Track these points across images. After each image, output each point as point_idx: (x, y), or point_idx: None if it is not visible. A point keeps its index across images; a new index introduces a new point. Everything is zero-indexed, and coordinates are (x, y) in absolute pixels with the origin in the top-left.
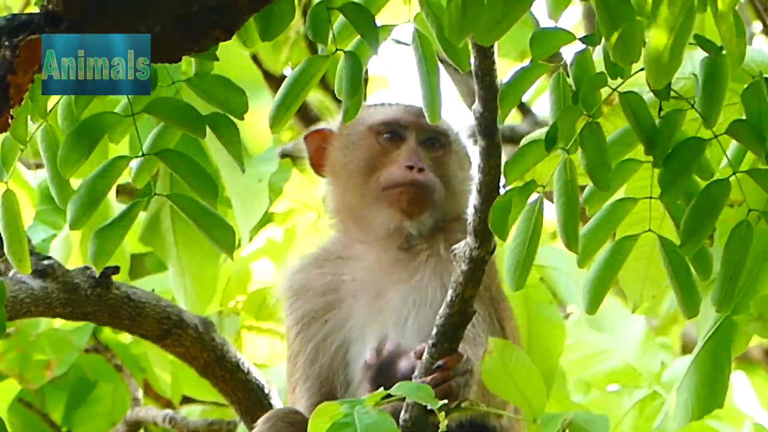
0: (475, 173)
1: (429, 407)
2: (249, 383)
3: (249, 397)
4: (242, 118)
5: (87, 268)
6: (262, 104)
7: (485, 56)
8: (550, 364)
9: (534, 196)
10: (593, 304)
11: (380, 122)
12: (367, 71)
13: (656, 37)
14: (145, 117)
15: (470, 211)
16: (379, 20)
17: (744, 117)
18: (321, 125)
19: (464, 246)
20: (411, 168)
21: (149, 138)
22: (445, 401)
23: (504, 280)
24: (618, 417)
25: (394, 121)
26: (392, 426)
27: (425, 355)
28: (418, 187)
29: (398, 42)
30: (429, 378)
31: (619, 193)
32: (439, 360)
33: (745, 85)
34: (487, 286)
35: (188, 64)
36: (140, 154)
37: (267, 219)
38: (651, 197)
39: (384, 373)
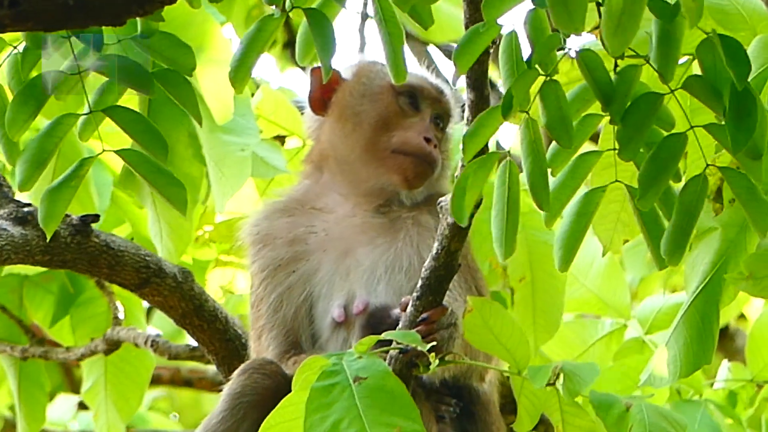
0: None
1: (412, 361)
2: (226, 333)
3: (226, 347)
4: (191, 75)
5: (67, 215)
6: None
7: (476, 8)
8: (557, 289)
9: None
10: (566, 259)
11: (404, 85)
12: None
13: (612, 2)
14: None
15: (458, 165)
16: None
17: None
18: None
19: (444, 201)
20: (428, 140)
21: (94, 94)
22: (433, 344)
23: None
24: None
25: (418, 90)
26: (383, 366)
27: (410, 308)
28: (429, 162)
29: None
30: (413, 330)
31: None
32: (424, 313)
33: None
34: (464, 256)
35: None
36: (87, 111)
37: None
38: (615, 149)
39: (365, 331)
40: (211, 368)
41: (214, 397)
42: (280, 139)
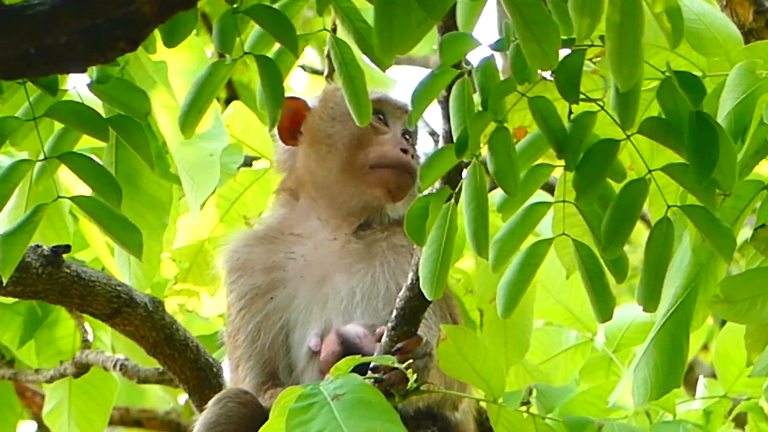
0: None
1: (387, 390)
2: (197, 362)
3: (197, 375)
4: (145, 120)
5: (38, 246)
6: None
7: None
8: (526, 309)
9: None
10: (508, 307)
11: (373, 101)
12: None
13: (612, 38)
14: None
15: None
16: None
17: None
18: (298, 95)
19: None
20: (405, 151)
21: (50, 141)
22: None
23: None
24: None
25: (385, 106)
26: (359, 380)
27: (384, 338)
28: (409, 172)
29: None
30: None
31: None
32: (399, 343)
33: (657, 83)
34: None
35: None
36: (42, 157)
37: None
38: (564, 200)
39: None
40: (162, 408)
41: None
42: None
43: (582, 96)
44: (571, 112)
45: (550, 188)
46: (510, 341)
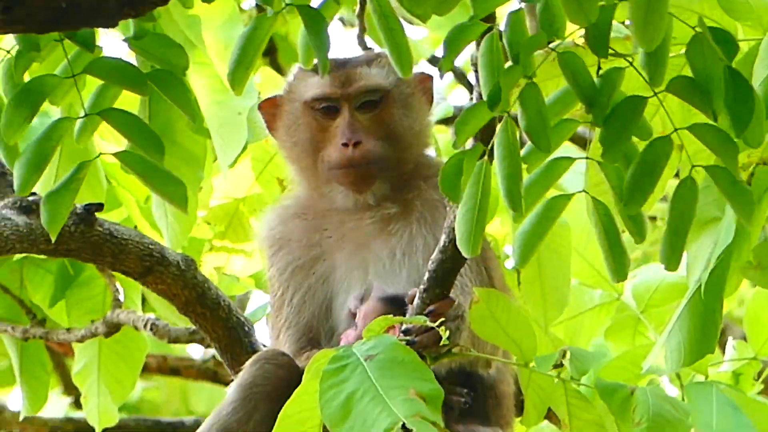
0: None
1: (419, 353)
2: (229, 320)
3: (229, 334)
4: (184, 74)
5: None
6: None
7: None
8: (563, 266)
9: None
10: (524, 256)
11: (312, 98)
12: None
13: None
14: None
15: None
16: None
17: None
18: (273, 93)
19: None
20: (346, 145)
21: (90, 98)
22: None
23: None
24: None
25: (324, 96)
26: (392, 340)
27: (416, 300)
28: (357, 166)
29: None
30: (418, 325)
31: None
32: (431, 305)
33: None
34: None
35: None
36: (83, 114)
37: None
38: (587, 157)
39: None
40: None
41: (201, 386)
42: None
43: (611, 52)
44: (600, 68)
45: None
46: (548, 299)
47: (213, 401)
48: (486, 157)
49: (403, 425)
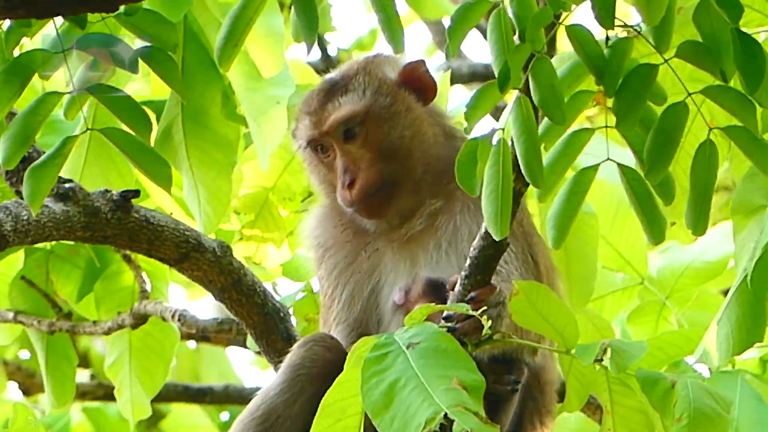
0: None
1: (461, 339)
2: (264, 307)
3: (264, 320)
4: (174, 51)
5: (107, 191)
6: (274, 27)
7: None
8: (590, 255)
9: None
10: (558, 237)
11: (307, 143)
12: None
13: None
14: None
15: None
16: None
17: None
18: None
19: None
20: (344, 187)
21: (78, 72)
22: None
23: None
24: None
25: (310, 140)
26: (434, 328)
27: (458, 287)
28: (361, 203)
29: None
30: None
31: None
32: (472, 292)
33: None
34: (519, 221)
35: None
36: (71, 89)
37: None
38: (606, 126)
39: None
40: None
41: (211, 364)
42: None
43: (620, 22)
44: (608, 39)
45: None
46: (573, 287)
47: (225, 378)
48: (503, 137)
49: (445, 415)
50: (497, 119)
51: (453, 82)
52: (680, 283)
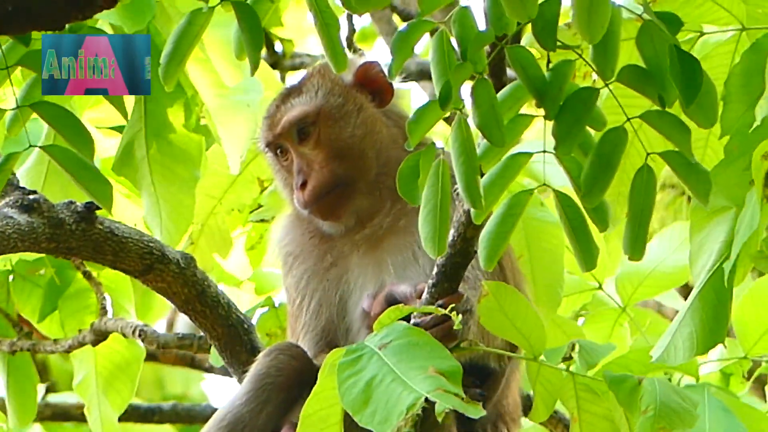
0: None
1: None
2: (228, 318)
3: (229, 332)
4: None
5: (72, 202)
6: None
7: None
8: (555, 263)
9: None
10: (490, 257)
11: (265, 146)
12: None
13: None
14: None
15: None
16: None
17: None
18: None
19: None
20: (298, 188)
21: (22, 89)
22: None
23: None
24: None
25: (270, 142)
26: (404, 325)
27: (425, 295)
28: (315, 205)
29: None
30: (429, 317)
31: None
32: (439, 300)
33: (638, 28)
34: None
35: None
36: (15, 105)
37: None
38: (545, 150)
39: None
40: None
41: (175, 371)
42: None
43: (560, 44)
44: (549, 62)
45: None
46: (541, 297)
47: (188, 386)
48: (442, 156)
49: (426, 400)
50: None
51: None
52: (639, 293)
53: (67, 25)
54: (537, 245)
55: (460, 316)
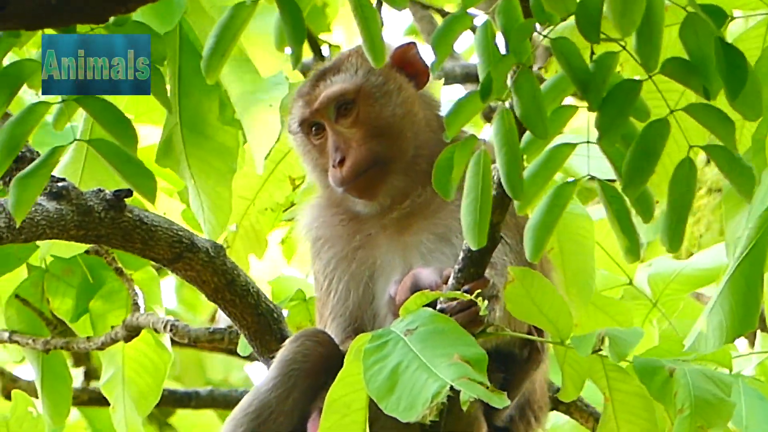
0: None
1: None
2: (258, 307)
3: (258, 321)
4: (162, 64)
5: (101, 190)
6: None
7: None
8: (586, 255)
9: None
10: (536, 250)
11: (297, 127)
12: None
13: None
14: None
15: None
16: None
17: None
18: None
19: (493, 171)
20: (335, 166)
21: None
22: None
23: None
24: None
25: (302, 121)
26: (429, 311)
27: (451, 280)
28: (351, 183)
29: None
30: (454, 303)
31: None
32: (465, 285)
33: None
34: (512, 212)
35: None
36: (60, 99)
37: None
38: (588, 141)
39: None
40: None
41: (215, 357)
42: None
43: (604, 37)
44: (593, 53)
45: None
46: (571, 289)
47: (229, 372)
48: (484, 147)
49: (451, 388)
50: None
51: (447, 82)
52: (671, 288)
53: (111, 19)
54: (567, 237)
55: (486, 302)
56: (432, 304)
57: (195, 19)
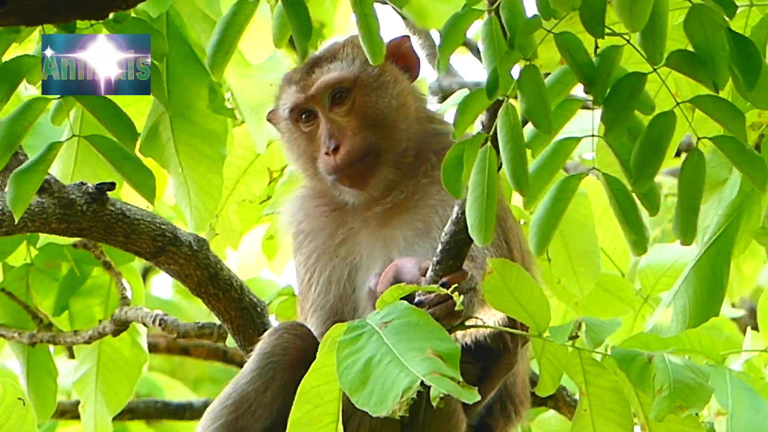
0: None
1: None
2: (241, 301)
3: (241, 315)
4: (162, 61)
5: (83, 183)
6: (260, 14)
7: None
8: (589, 234)
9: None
10: (541, 243)
11: (289, 112)
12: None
13: None
14: None
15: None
16: None
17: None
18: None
19: None
20: (329, 153)
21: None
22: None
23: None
24: None
25: (296, 106)
26: (405, 305)
27: (429, 272)
28: (345, 169)
29: None
30: (432, 296)
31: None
32: (444, 277)
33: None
34: None
35: None
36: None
37: None
38: (593, 135)
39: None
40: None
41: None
42: None
43: (608, 30)
44: (597, 47)
45: None
46: (578, 269)
47: (221, 383)
48: (489, 143)
49: (422, 383)
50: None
51: (444, 99)
52: (662, 283)
53: (111, 15)
54: (567, 220)
55: (462, 296)
56: (411, 297)
57: (181, 6)
